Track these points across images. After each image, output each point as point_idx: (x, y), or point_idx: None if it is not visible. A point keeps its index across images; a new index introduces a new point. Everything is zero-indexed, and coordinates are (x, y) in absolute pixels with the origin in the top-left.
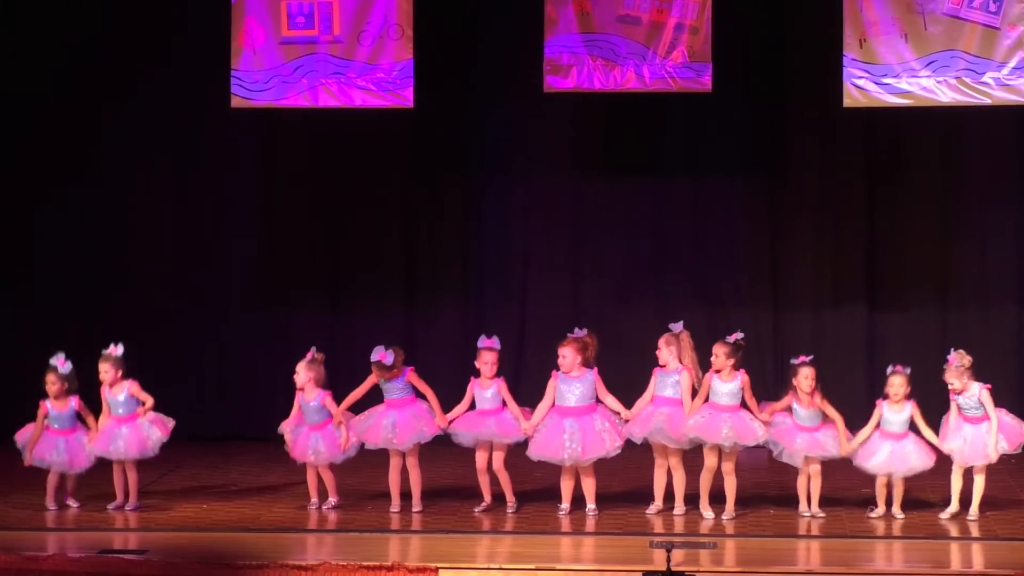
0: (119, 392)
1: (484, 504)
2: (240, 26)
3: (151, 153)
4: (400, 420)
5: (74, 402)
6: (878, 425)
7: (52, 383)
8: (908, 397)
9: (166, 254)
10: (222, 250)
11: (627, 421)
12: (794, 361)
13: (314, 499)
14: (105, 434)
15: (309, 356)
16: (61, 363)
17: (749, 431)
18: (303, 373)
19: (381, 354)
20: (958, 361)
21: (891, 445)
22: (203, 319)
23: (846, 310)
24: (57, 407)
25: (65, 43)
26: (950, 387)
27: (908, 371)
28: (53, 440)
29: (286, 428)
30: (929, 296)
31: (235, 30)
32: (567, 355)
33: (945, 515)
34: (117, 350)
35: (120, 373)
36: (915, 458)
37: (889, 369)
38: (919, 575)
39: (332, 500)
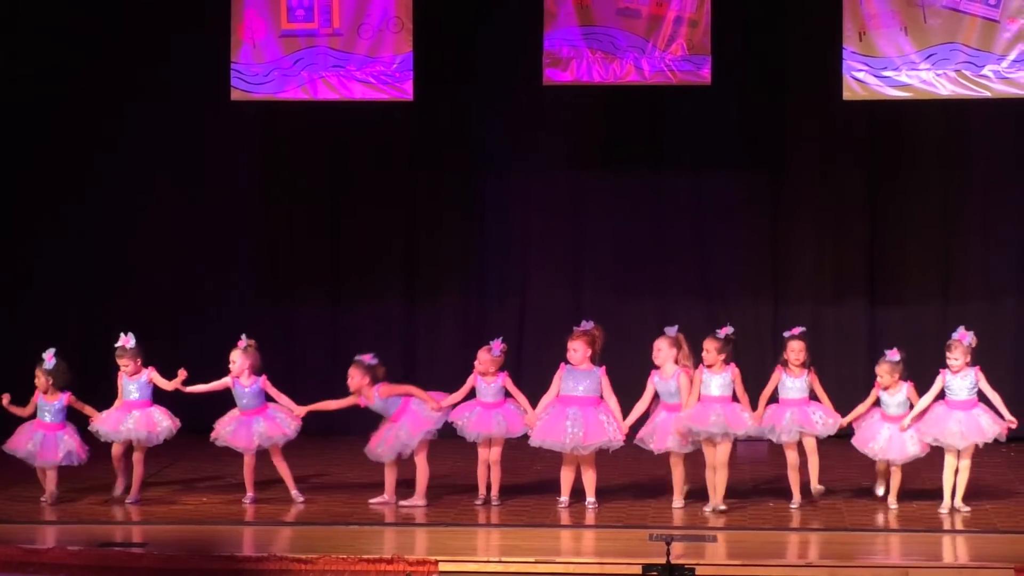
0: (138, 379)
1: (482, 497)
2: (240, 19)
3: (151, 146)
4: (410, 422)
5: (64, 398)
6: (877, 404)
7: (37, 377)
8: (904, 378)
9: (166, 248)
10: (222, 244)
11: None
12: (785, 334)
13: (251, 493)
14: (115, 417)
15: (243, 344)
16: (48, 359)
17: (738, 419)
18: (240, 361)
19: (367, 355)
20: (969, 339)
21: (889, 430)
22: (203, 313)
23: (847, 304)
24: (45, 399)
25: (66, 38)
26: (952, 367)
27: (896, 358)
28: (32, 432)
29: (220, 428)
30: (930, 289)
31: (235, 23)
32: (578, 348)
33: (943, 509)
34: (129, 341)
35: (139, 362)
36: (911, 445)
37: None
38: (918, 568)
39: (293, 494)
